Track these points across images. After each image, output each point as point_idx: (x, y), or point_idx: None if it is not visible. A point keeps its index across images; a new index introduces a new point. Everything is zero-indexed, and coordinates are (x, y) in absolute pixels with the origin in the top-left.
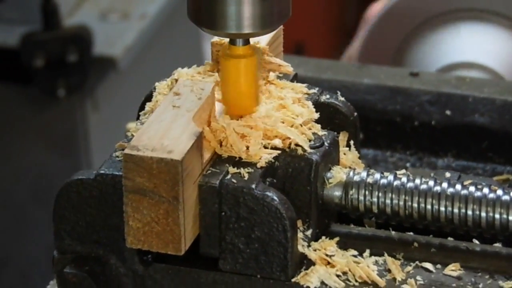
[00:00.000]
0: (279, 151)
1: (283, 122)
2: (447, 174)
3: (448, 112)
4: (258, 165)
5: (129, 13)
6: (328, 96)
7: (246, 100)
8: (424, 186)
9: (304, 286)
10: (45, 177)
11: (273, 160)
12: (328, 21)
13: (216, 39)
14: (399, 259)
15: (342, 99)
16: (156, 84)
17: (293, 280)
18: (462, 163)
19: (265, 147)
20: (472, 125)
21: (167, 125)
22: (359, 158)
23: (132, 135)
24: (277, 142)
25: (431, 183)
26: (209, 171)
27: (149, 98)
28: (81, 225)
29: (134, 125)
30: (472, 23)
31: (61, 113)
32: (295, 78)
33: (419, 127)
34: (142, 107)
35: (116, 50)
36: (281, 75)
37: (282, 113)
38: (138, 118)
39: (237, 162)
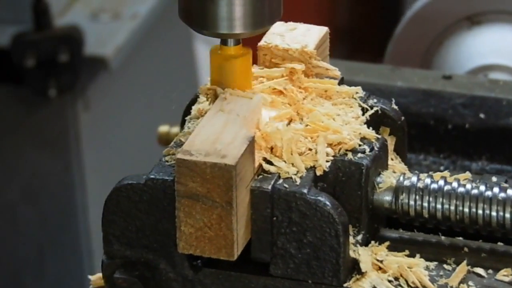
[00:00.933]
0: (331, 158)
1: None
2: (494, 179)
3: (481, 115)
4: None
5: (120, 13)
6: (375, 100)
7: None
8: (475, 191)
9: None
10: (36, 176)
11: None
12: (319, 20)
13: (262, 42)
14: (450, 264)
15: (391, 103)
16: (200, 87)
17: (345, 285)
18: (496, 167)
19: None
20: (506, 128)
21: (219, 129)
22: (406, 164)
23: (180, 140)
24: (329, 150)
25: (482, 187)
26: (261, 176)
27: (193, 102)
28: (131, 229)
29: (166, 128)
30: (501, 25)
31: (52, 113)
32: (342, 82)
33: (453, 130)
34: (187, 112)
35: (108, 50)
36: (328, 79)
37: (331, 117)
38: (183, 123)
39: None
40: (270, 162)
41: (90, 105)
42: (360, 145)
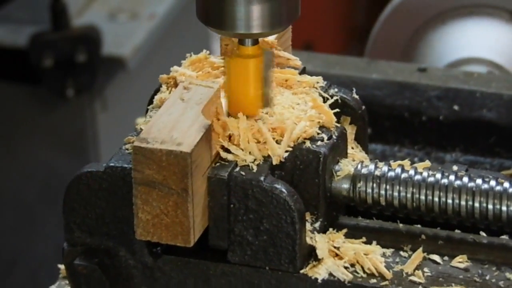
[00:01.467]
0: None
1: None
2: (455, 167)
3: (456, 107)
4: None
5: (138, 13)
6: (336, 90)
7: (254, 101)
8: (431, 179)
9: (312, 277)
10: (54, 176)
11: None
12: (337, 20)
13: None
14: (406, 251)
15: (351, 93)
16: (161, 76)
17: (301, 271)
18: (469, 158)
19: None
20: (480, 120)
21: (176, 117)
22: (367, 152)
23: (141, 129)
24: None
25: (438, 175)
26: (218, 164)
27: (157, 92)
28: (91, 217)
29: (143, 120)
30: (480, 19)
31: (70, 113)
32: (304, 72)
33: (427, 122)
34: (150, 101)
35: (125, 50)
36: (289, 69)
37: (291, 106)
38: (146, 113)
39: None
40: (227, 150)
41: (107, 105)
42: (318, 134)
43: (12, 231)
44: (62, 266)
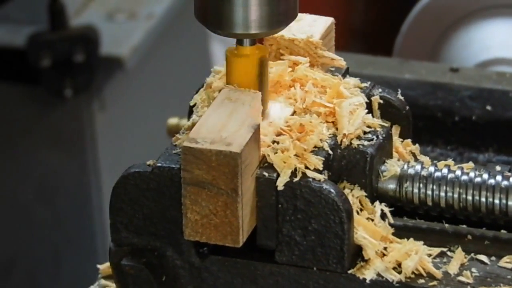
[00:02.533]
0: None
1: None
2: (498, 168)
3: (489, 108)
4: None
5: (136, 13)
6: (380, 90)
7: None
8: (478, 179)
9: (361, 278)
10: (51, 177)
11: (329, 153)
12: (334, 20)
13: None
14: (453, 251)
15: (395, 93)
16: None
17: (349, 272)
18: (502, 158)
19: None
20: None
21: (225, 117)
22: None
23: (187, 129)
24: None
25: (485, 176)
26: (266, 164)
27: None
28: (138, 217)
29: (176, 120)
30: (509, 19)
31: (68, 113)
32: (347, 72)
33: (460, 122)
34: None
35: (123, 50)
36: (333, 69)
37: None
38: (190, 112)
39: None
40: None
41: (105, 105)
42: (365, 134)
43: (9, 231)
44: (101, 266)
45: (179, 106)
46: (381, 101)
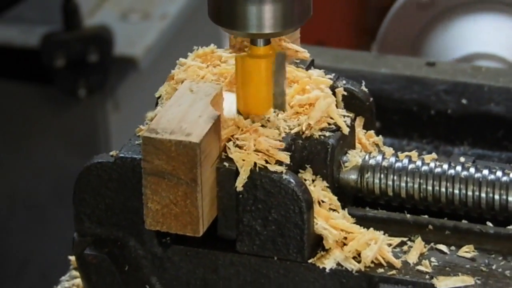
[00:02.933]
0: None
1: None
2: (462, 159)
3: (464, 101)
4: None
5: (150, 13)
6: (344, 82)
7: (265, 101)
8: (438, 170)
9: (320, 267)
10: (66, 177)
11: (290, 143)
12: (348, 20)
13: None
14: (413, 241)
15: (359, 85)
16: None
17: (309, 261)
18: (478, 152)
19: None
20: (488, 114)
21: (185, 108)
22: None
23: (150, 120)
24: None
25: (445, 166)
26: (226, 155)
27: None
28: (101, 208)
29: (153, 114)
30: (488, 15)
31: (82, 113)
32: (312, 65)
33: (436, 116)
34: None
35: (137, 50)
36: (297, 61)
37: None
38: (156, 104)
39: None
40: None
41: (119, 105)
42: (329, 125)
43: (24, 231)
44: (72, 258)
45: None
46: (345, 93)
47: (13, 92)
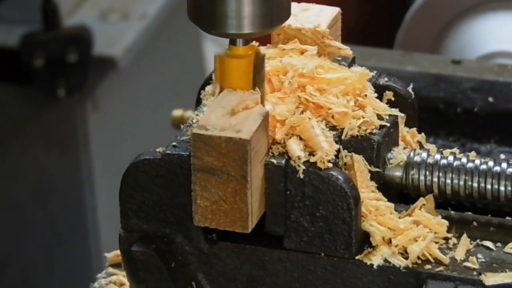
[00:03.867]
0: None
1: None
2: (502, 156)
3: (490, 99)
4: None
5: (129, 13)
6: (386, 79)
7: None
8: (484, 166)
9: (368, 263)
10: (44, 176)
11: (336, 140)
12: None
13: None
14: (458, 238)
15: (401, 82)
16: None
17: (357, 257)
18: (504, 149)
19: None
20: None
21: (234, 106)
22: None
23: (196, 118)
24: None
25: (491, 163)
26: (274, 152)
27: (207, 80)
28: (148, 204)
29: (180, 112)
30: (510, 12)
31: (61, 113)
32: (353, 62)
33: (462, 113)
34: (202, 88)
35: (116, 50)
36: (339, 58)
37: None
38: (197, 103)
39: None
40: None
41: (98, 105)
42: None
43: (3, 231)
44: (109, 255)
45: (171, 106)
46: (390, 91)
47: None
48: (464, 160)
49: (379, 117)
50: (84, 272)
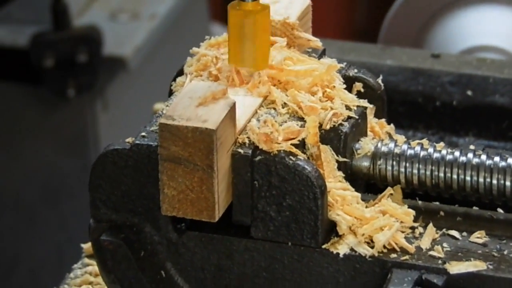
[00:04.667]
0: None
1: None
2: (471, 147)
3: (469, 93)
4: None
5: (139, 13)
6: (356, 70)
7: (256, 55)
8: (450, 157)
9: (334, 252)
10: (55, 177)
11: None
12: (338, 21)
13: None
14: (424, 228)
15: (370, 73)
16: (188, 59)
17: (323, 246)
18: (482, 143)
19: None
20: (493, 105)
21: (201, 96)
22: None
23: (166, 109)
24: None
25: (457, 153)
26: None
27: (180, 73)
28: (116, 194)
29: (161, 106)
30: (493, 7)
31: (71, 113)
32: (324, 54)
33: (441, 107)
34: (174, 80)
35: (126, 50)
36: (309, 50)
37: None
38: (170, 93)
39: None
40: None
41: (108, 105)
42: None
43: (13, 231)
44: (85, 246)
45: None
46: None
47: (2, 92)
48: (430, 150)
49: (347, 108)
50: None
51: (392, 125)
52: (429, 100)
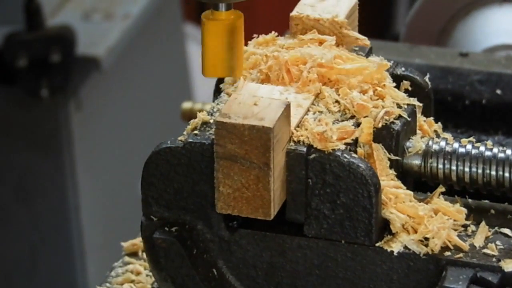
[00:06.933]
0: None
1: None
2: None
3: (498, 91)
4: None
5: (112, 13)
6: (403, 69)
7: (231, 64)
8: (501, 155)
9: (388, 250)
10: (28, 176)
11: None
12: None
13: (294, 12)
14: (477, 226)
15: (417, 72)
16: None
17: (377, 244)
18: None
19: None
20: None
21: (256, 94)
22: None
23: (215, 108)
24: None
25: (509, 152)
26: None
27: None
28: (169, 192)
29: (189, 105)
30: None
31: (44, 113)
32: (371, 52)
33: (470, 106)
34: (221, 80)
35: (99, 50)
36: (357, 48)
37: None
38: (215, 92)
39: None
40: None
41: (82, 105)
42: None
43: None
44: (125, 244)
45: (155, 106)
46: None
47: None
48: (482, 148)
49: (398, 106)
50: (67, 272)
51: (439, 123)
52: (458, 99)
